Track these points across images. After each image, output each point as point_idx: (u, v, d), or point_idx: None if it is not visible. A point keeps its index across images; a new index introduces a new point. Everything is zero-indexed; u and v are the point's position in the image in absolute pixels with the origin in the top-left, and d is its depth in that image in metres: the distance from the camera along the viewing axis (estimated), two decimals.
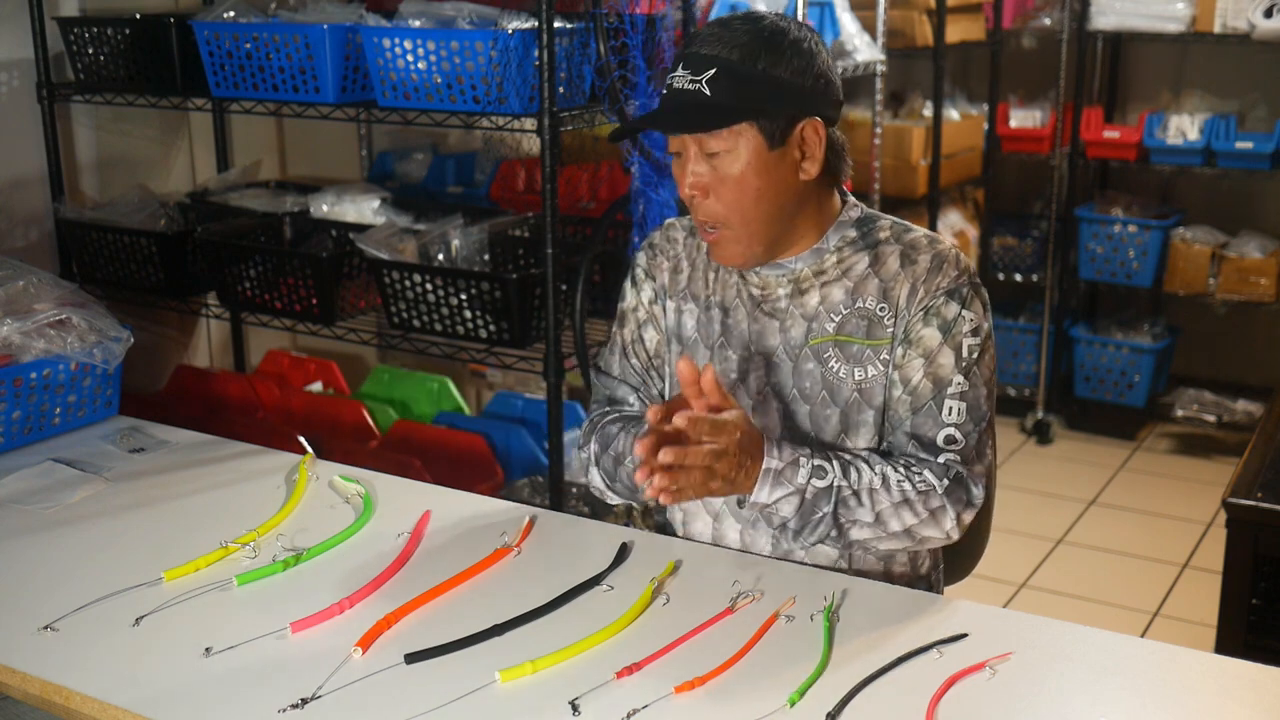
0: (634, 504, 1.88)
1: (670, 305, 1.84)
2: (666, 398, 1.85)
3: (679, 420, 1.51)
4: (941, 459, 1.68)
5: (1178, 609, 3.52)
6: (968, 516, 1.68)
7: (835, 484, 1.62)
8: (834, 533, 1.64)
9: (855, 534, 1.65)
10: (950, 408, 1.67)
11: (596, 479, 1.83)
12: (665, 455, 1.50)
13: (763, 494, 1.60)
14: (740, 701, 1.39)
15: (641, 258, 1.89)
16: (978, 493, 1.68)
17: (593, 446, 1.82)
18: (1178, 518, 4.10)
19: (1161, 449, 4.70)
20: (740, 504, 1.65)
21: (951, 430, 1.68)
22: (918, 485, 1.64)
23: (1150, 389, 4.67)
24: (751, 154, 1.64)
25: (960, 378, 1.67)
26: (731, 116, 1.62)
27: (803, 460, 1.61)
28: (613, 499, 1.84)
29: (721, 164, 1.65)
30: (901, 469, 1.65)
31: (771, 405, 1.75)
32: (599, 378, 1.91)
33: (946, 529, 1.67)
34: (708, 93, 1.61)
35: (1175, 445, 4.73)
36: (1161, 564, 3.78)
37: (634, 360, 1.87)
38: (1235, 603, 2.13)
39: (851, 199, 1.79)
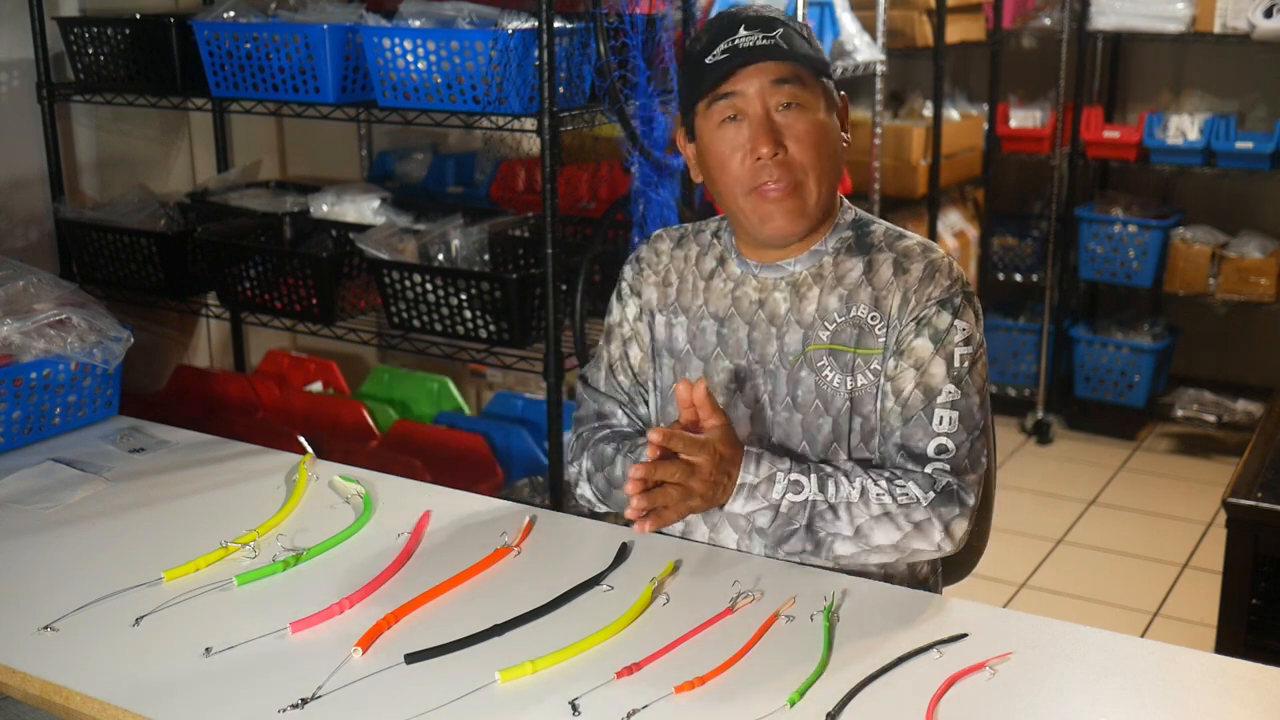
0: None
1: (660, 320, 1.83)
2: (653, 413, 1.86)
3: (653, 436, 1.56)
4: (929, 469, 1.66)
5: (1178, 609, 3.52)
6: (959, 527, 1.65)
7: (810, 499, 1.62)
8: (810, 546, 1.65)
9: (839, 548, 1.65)
10: (941, 417, 1.66)
11: (588, 492, 1.85)
12: (635, 471, 1.55)
13: (736, 505, 1.63)
14: (740, 701, 1.39)
15: (628, 271, 1.88)
16: (970, 501, 1.66)
17: (585, 463, 1.83)
18: (1178, 518, 4.10)
19: (1161, 449, 4.70)
20: (722, 506, 1.66)
21: (943, 440, 1.66)
22: (899, 499, 1.63)
23: (1150, 389, 4.67)
24: (823, 111, 1.69)
25: (951, 386, 1.66)
26: (823, 65, 1.68)
27: (779, 475, 1.63)
28: (602, 509, 1.86)
29: (796, 119, 1.66)
30: (884, 482, 1.64)
31: (766, 414, 1.74)
32: (586, 391, 1.91)
33: (936, 541, 1.64)
34: (784, 46, 1.65)
35: (1175, 445, 4.73)
36: (1161, 564, 3.78)
37: (621, 377, 1.88)
38: (1235, 603, 2.13)
39: (844, 201, 1.80)
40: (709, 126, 1.70)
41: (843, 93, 1.75)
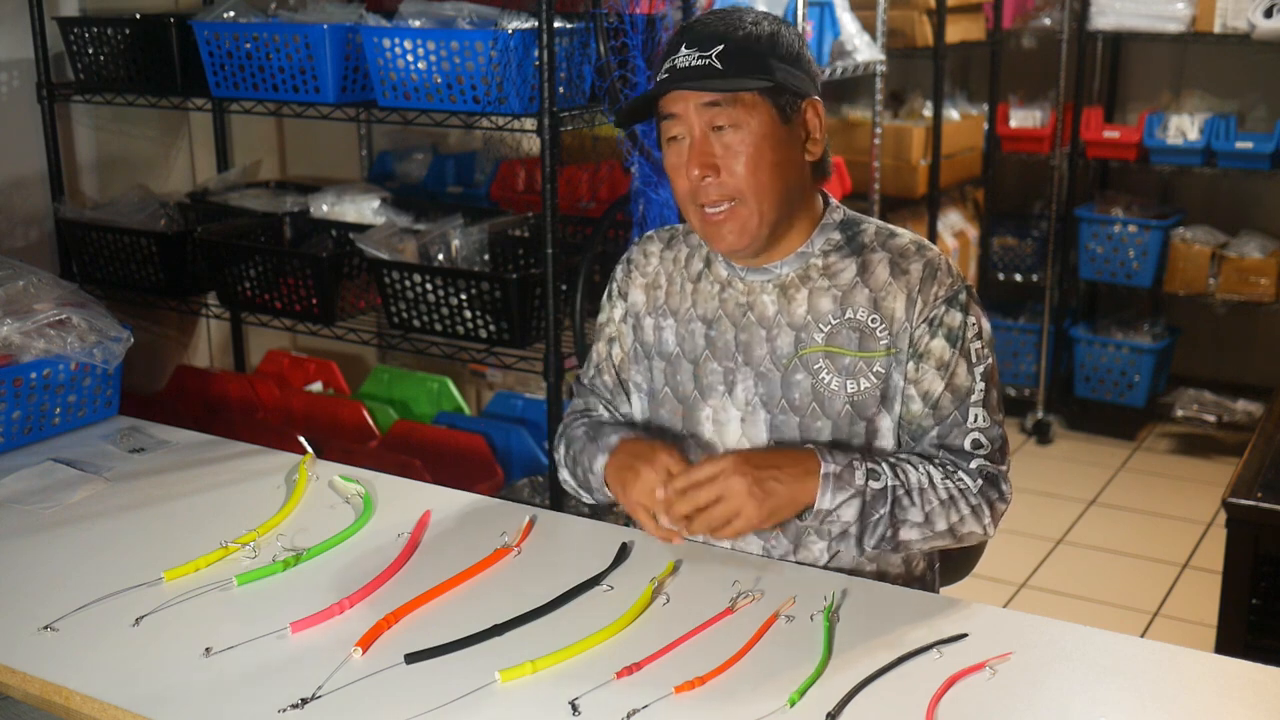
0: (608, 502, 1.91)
1: (648, 322, 1.83)
2: (640, 415, 1.86)
3: (660, 493, 1.62)
4: (973, 464, 1.70)
5: (1178, 609, 3.52)
6: (1000, 510, 1.71)
7: (889, 484, 1.63)
8: (889, 533, 1.64)
9: (904, 534, 1.65)
10: (974, 415, 1.70)
11: (568, 478, 1.88)
12: (660, 503, 1.62)
13: (825, 500, 1.61)
14: (740, 701, 1.39)
15: (618, 272, 1.89)
16: (1008, 489, 1.72)
17: (561, 449, 1.87)
18: (1178, 518, 4.10)
19: (1161, 449, 4.70)
20: (801, 516, 1.63)
21: (977, 434, 1.70)
22: (958, 484, 1.67)
23: (1150, 389, 4.67)
24: (765, 127, 1.64)
25: (981, 384, 1.70)
26: (751, 83, 1.63)
27: (856, 463, 1.62)
28: (586, 498, 1.87)
29: (733, 139, 1.64)
30: (941, 469, 1.67)
31: (759, 416, 1.74)
32: (576, 386, 1.95)
33: (985, 524, 1.70)
34: (719, 66, 1.62)
35: (1175, 445, 4.73)
36: (1161, 564, 3.78)
37: (605, 376, 1.90)
38: (1235, 603, 2.13)
39: (833, 201, 1.78)
40: (664, 141, 1.71)
41: (814, 96, 1.70)
